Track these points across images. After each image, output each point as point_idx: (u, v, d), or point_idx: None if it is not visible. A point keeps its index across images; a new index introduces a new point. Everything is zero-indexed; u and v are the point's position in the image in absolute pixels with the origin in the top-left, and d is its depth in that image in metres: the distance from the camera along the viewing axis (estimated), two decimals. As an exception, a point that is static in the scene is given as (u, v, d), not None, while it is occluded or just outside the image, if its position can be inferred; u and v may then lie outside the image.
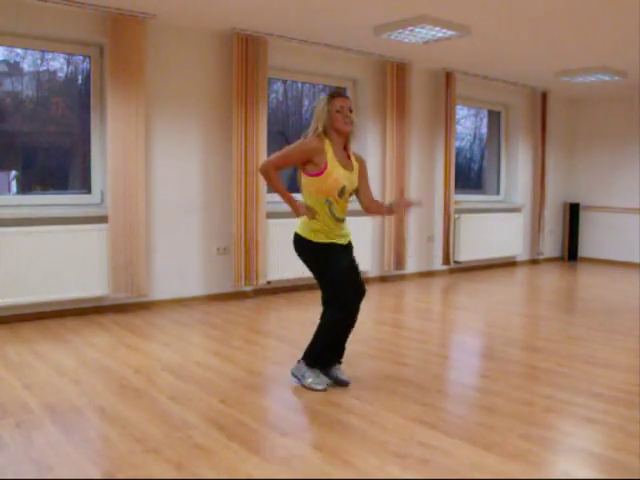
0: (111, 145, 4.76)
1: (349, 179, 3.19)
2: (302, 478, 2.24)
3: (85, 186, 5.08)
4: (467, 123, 8.32)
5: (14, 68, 4.90)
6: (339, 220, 3.20)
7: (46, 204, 4.82)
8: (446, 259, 7.18)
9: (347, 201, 3.24)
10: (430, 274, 7.23)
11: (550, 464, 2.39)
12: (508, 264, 8.23)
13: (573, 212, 8.87)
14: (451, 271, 7.48)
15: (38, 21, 4.52)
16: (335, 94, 3.18)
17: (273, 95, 6.30)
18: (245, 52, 5.33)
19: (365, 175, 3.34)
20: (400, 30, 4.97)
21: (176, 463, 2.34)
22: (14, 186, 4.95)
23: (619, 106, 8.43)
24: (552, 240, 8.93)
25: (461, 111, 8.02)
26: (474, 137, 8.41)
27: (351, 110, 3.17)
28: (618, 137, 8.48)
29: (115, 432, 2.62)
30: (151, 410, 2.88)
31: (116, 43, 4.70)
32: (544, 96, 8.22)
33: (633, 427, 2.74)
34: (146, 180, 5.05)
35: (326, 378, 3.26)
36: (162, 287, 5.25)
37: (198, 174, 5.41)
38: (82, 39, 4.83)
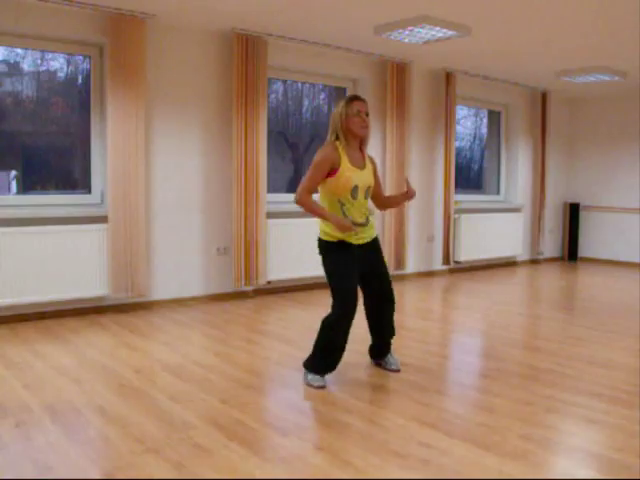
0: (111, 145, 4.76)
1: (361, 178, 3.20)
2: (302, 478, 2.24)
3: (85, 186, 5.08)
4: (467, 123, 8.32)
5: (14, 68, 4.90)
6: (357, 224, 3.21)
7: (46, 204, 4.83)
8: (446, 259, 7.18)
9: (363, 203, 3.24)
10: (430, 274, 7.24)
11: (550, 464, 2.39)
12: (508, 264, 8.23)
13: (573, 212, 8.87)
14: (451, 271, 7.49)
15: (38, 21, 4.53)
16: (354, 97, 3.20)
17: (273, 95, 6.30)
18: (245, 52, 5.33)
19: (376, 173, 3.39)
20: (400, 30, 4.97)
21: (176, 463, 2.34)
22: (14, 186, 4.95)
23: (619, 106, 8.43)
24: (552, 240, 8.93)
25: (461, 111, 8.02)
26: (474, 137, 8.40)
27: (367, 114, 3.20)
28: (618, 137, 8.48)
29: (115, 432, 2.62)
30: (151, 410, 2.88)
31: (116, 43, 4.70)
32: (544, 96, 8.23)
33: (633, 427, 2.74)
34: (146, 180, 5.05)
35: (321, 377, 3.28)
36: (162, 287, 5.25)
37: (198, 174, 5.41)
38: (82, 39, 4.83)
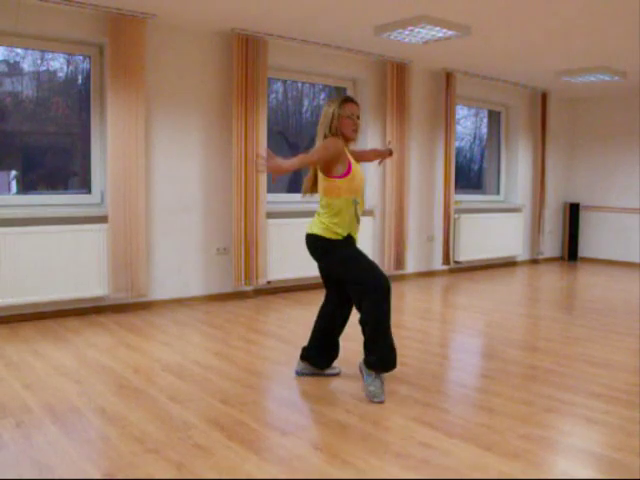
0: (111, 145, 4.76)
1: (361, 174, 3.28)
2: (302, 478, 2.24)
3: (85, 186, 5.08)
4: (467, 123, 8.32)
5: (14, 68, 4.90)
6: (358, 220, 3.25)
7: (46, 204, 4.83)
8: (446, 259, 7.18)
9: (363, 197, 3.32)
10: (430, 274, 7.24)
11: (550, 464, 2.39)
12: (508, 264, 8.23)
13: (573, 212, 8.87)
14: (451, 271, 7.48)
15: (38, 21, 4.53)
16: (348, 99, 3.18)
17: (273, 95, 6.30)
18: (245, 52, 5.33)
19: (353, 153, 3.39)
20: (400, 30, 4.97)
21: (176, 463, 2.34)
22: (14, 186, 4.95)
23: (619, 106, 8.43)
24: (552, 240, 8.93)
25: (461, 111, 8.02)
26: (474, 137, 8.40)
27: (358, 117, 3.19)
28: (618, 137, 8.48)
29: (115, 432, 2.62)
30: (151, 410, 2.88)
31: (116, 43, 4.70)
32: (544, 96, 8.23)
33: (633, 427, 2.74)
34: (146, 180, 5.05)
35: (380, 382, 3.11)
36: (162, 287, 5.25)
37: (198, 174, 5.41)
38: (82, 39, 4.83)
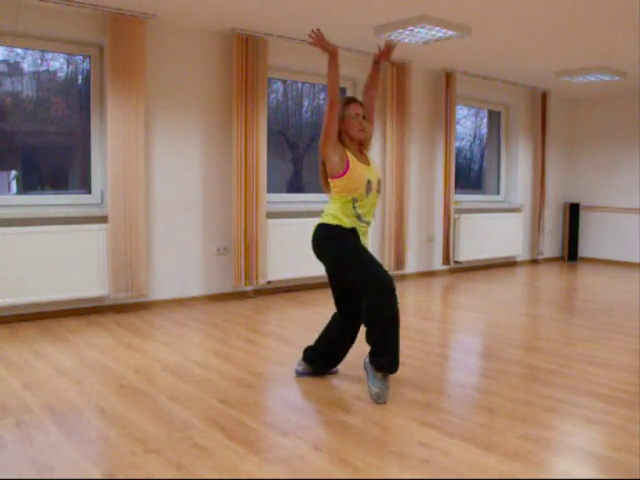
0: (111, 145, 4.76)
1: (370, 172, 3.20)
2: (302, 478, 2.24)
3: (85, 186, 5.08)
4: (467, 123, 8.32)
5: (14, 68, 4.90)
6: (363, 221, 3.19)
7: (46, 204, 4.83)
8: (446, 259, 7.18)
9: (374, 199, 3.21)
10: (430, 274, 7.23)
11: (550, 464, 2.39)
12: (508, 264, 8.23)
13: (573, 212, 8.87)
14: (451, 271, 7.48)
15: (38, 21, 4.53)
16: (351, 99, 3.19)
17: (273, 95, 6.29)
18: (245, 52, 5.33)
19: (369, 122, 3.27)
20: (400, 30, 4.97)
21: (176, 463, 2.34)
22: (14, 186, 4.95)
23: (619, 106, 8.44)
24: (552, 240, 8.93)
25: (461, 111, 8.02)
26: (474, 137, 8.40)
27: (365, 117, 3.19)
28: (618, 137, 8.48)
29: (115, 432, 2.62)
30: (151, 410, 2.88)
31: (116, 43, 4.70)
32: (544, 96, 8.23)
33: (633, 427, 2.74)
34: (146, 180, 5.05)
35: (383, 380, 3.10)
36: (162, 287, 5.25)
37: (198, 174, 5.41)
38: (82, 39, 4.83)
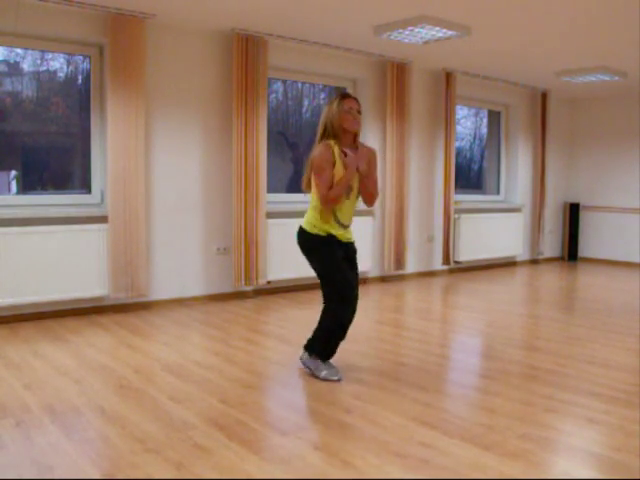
0: (111, 145, 4.76)
1: (354, 178, 3.25)
2: (302, 478, 2.24)
3: (85, 186, 5.08)
4: (467, 123, 8.32)
5: (14, 68, 4.90)
6: (342, 225, 3.28)
7: (46, 204, 4.83)
8: (446, 259, 7.18)
9: (353, 203, 3.31)
10: (430, 274, 7.23)
11: (550, 464, 2.39)
12: (508, 264, 8.23)
13: (573, 212, 8.87)
14: (451, 271, 7.48)
15: (38, 21, 4.53)
16: (345, 95, 3.26)
17: (273, 95, 6.29)
18: (245, 52, 5.33)
19: (372, 165, 3.32)
20: (400, 30, 4.97)
21: (176, 463, 2.34)
22: (14, 186, 4.95)
23: (619, 106, 8.43)
24: (552, 240, 8.93)
25: (461, 111, 8.02)
26: (474, 137, 8.40)
27: (359, 112, 3.25)
28: (618, 137, 8.48)
29: (115, 432, 2.62)
30: (151, 410, 2.88)
31: (116, 43, 4.70)
32: (544, 96, 8.23)
33: (633, 427, 2.74)
34: (146, 180, 5.05)
35: (336, 369, 3.34)
36: (162, 287, 5.25)
37: (198, 174, 5.41)
38: (82, 39, 4.83)
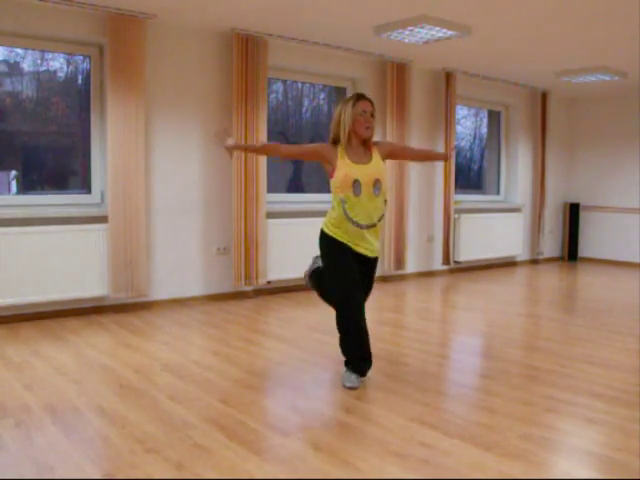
0: (111, 145, 4.76)
1: (365, 172, 3.13)
2: (302, 478, 2.24)
3: (85, 186, 5.08)
4: (467, 123, 8.32)
5: (14, 68, 4.90)
6: (356, 224, 3.13)
7: (46, 204, 4.83)
8: (446, 259, 7.18)
9: (371, 200, 3.14)
10: (430, 274, 7.23)
11: (550, 464, 2.39)
12: (508, 264, 8.23)
13: (573, 212, 8.87)
14: (451, 271, 7.48)
15: (38, 21, 4.53)
16: (360, 96, 3.16)
17: (273, 95, 6.29)
18: (245, 52, 5.33)
19: (391, 146, 3.45)
20: (400, 30, 4.97)
21: (176, 463, 2.34)
22: (14, 186, 4.95)
23: (619, 106, 8.43)
24: (552, 240, 8.93)
25: (461, 111, 8.02)
26: (474, 137, 8.40)
27: (373, 115, 3.17)
28: (618, 137, 8.48)
29: (115, 432, 2.62)
30: (151, 410, 2.88)
31: (116, 43, 4.70)
32: (544, 96, 8.23)
33: (633, 427, 2.74)
34: (146, 180, 5.05)
35: (355, 376, 3.25)
36: (162, 287, 5.25)
37: (198, 174, 5.41)
38: (82, 39, 4.83)
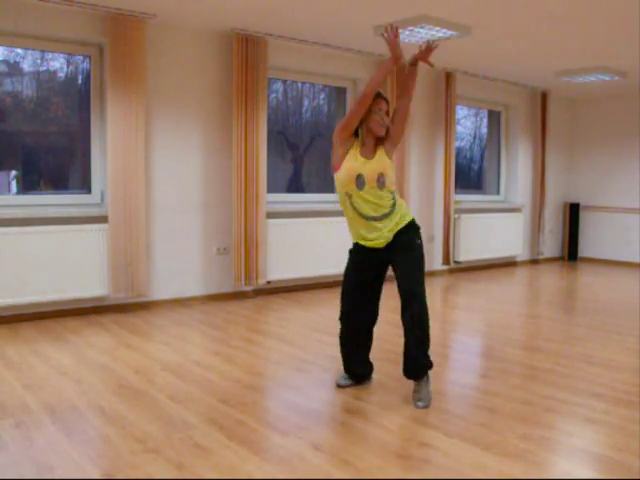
0: (111, 145, 4.76)
1: (369, 166, 3.12)
2: (302, 478, 2.24)
3: (85, 186, 5.08)
4: (467, 123, 8.32)
5: (14, 68, 4.90)
6: (364, 217, 3.09)
7: (46, 204, 4.82)
8: (446, 259, 7.18)
9: (375, 194, 3.11)
10: (430, 274, 7.23)
11: (550, 464, 2.39)
12: (508, 264, 8.23)
13: (573, 212, 8.87)
14: (451, 271, 7.48)
15: (38, 21, 4.53)
16: (377, 94, 3.11)
17: (273, 95, 6.29)
18: (245, 52, 5.33)
19: (392, 115, 3.25)
20: (400, 30, 4.97)
21: (176, 463, 2.34)
22: (14, 186, 4.95)
23: (619, 106, 8.43)
24: (552, 240, 8.93)
25: (461, 111, 8.02)
26: (474, 137, 8.40)
27: (387, 113, 3.15)
28: (618, 137, 8.48)
29: (115, 432, 2.62)
30: (151, 410, 2.88)
31: (116, 43, 4.70)
32: (544, 96, 8.23)
33: (633, 427, 2.74)
34: (146, 180, 5.05)
35: (345, 376, 3.31)
36: (162, 287, 5.25)
37: (198, 174, 5.41)
38: (82, 39, 4.83)
